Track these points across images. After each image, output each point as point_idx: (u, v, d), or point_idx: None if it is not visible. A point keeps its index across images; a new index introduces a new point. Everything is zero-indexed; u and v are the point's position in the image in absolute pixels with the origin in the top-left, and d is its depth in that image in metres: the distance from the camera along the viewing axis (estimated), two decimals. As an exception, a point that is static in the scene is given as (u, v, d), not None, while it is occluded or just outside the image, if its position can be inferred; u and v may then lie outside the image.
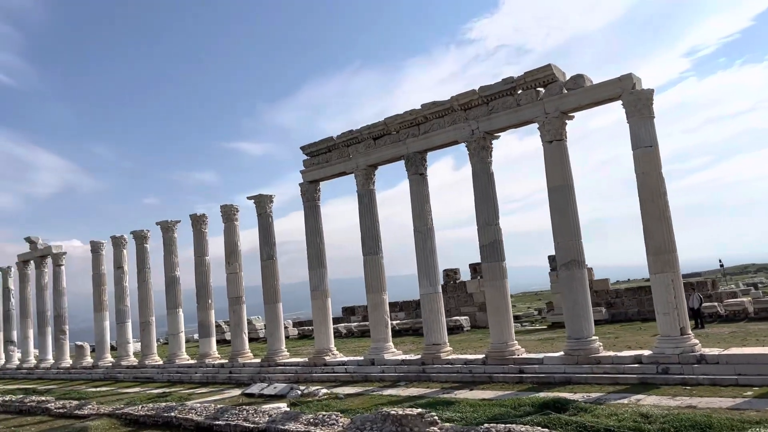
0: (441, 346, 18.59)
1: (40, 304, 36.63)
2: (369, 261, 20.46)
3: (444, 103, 18.20)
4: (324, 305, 21.98)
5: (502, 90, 17.07)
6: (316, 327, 22.13)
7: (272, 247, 23.96)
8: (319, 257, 22.12)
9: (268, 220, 24.07)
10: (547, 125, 16.26)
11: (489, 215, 17.47)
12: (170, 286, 28.09)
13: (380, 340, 20.12)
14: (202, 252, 26.75)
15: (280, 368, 22.49)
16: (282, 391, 18.50)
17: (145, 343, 29.35)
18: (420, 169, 19.25)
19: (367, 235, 20.52)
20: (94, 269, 32.63)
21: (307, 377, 20.91)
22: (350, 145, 20.92)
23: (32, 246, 37.07)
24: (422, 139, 19.01)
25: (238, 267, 25.31)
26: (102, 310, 32.37)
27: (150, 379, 27.19)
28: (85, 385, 28.03)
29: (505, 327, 17.15)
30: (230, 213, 25.46)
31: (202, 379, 24.61)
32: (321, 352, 21.62)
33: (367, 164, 20.53)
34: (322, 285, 22.03)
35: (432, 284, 18.80)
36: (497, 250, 17.36)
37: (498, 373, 16.51)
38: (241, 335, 25.07)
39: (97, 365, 31.49)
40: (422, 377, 17.97)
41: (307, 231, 22.34)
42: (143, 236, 29.79)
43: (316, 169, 22.03)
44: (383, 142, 20.03)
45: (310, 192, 22.31)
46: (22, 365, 37.36)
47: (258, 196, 24.01)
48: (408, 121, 19.19)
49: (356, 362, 20.47)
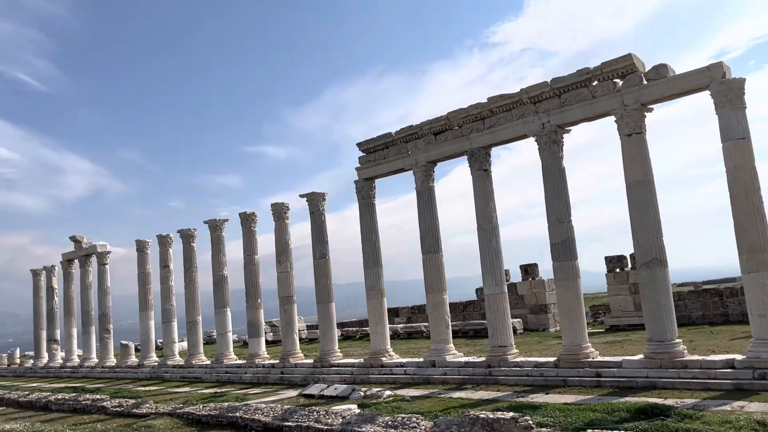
0: (507, 348, 17.93)
1: (85, 303, 36.75)
2: (429, 260, 19.88)
3: (512, 96, 17.57)
4: (380, 305, 21.46)
5: (577, 81, 16.38)
6: (372, 327, 21.62)
7: (325, 246, 23.52)
8: (374, 255, 21.61)
9: (321, 218, 23.64)
10: (626, 118, 15.52)
11: (561, 212, 16.78)
12: (218, 284, 27.85)
13: (441, 341, 19.53)
14: (252, 250, 26.44)
15: (335, 369, 22.03)
16: (343, 393, 18.01)
17: (192, 342, 29.15)
18: (484, 164, 18.63)
19: (426, 233, 19.95)
20: (140, 268, 32.59)
21: (364, 378, 20.39)
22: (409, 141, 20.39)
23: (77, 245, 37.24)
24: (487, 134, 18.40)
25: (289, 266, 24.94)
26: (147, 309, 32.33)
27: (198, 379, 26.95)
28: (132, 384, 27.92)
29: (578, 329, 16.43)
30: (281, 211, 25.11)
31: (253, 379, 24.26)
32: (377, 353, 21.09)
33: (427, 160, 19.97)
34: (378, 284, 21.52)
35: (498, 284, 18.15)
36: (570, 249, 16.66)
37: (573, 376, 15.79)
38: (292, 335, 24.66)
39: (142, 364, 31.41)
40: (489, 380, 17.32)
41: (363, 229, 21.85)
42: (190, 235, 29.65)
43: (373, 165, 21.54)
44: (444, 138, 19.46)
45: (366, 189, 21.83)
46: (65, 364, 37.56)
47: (311, 194, 23.61)
48: (472, 116, 18.59)
49: (415, 364, 19.91)
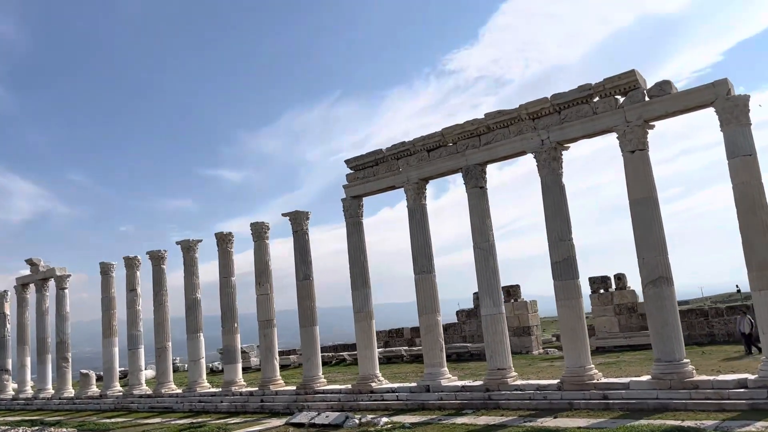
0: (506, 370, 17.36)
1: (41, 329, 34.53)
2: (422, 280, 19.26)
3: (510, 112, 17.29)
4: (369, 328, 20.64)
5: (577, 98, 16.21)
6: (360, 351, 20.75)
7: (309, 267, 22.64)
8: (363, 276, 20.85)
9: (305, 238, 22.78)
10: (629, 134, 15.38)
11: (562, 230, 16.46)
12: (191, 308, 26.52)
13: (435, 365, 18.83)
14: (228, 272, 25.31)
15: (320, 396, 21.01)
16: (336, 420, 17.06)
17: (161, 369, 27.58)
18: (480, 182, 18.23)
19: (419, 253, 19.36)
20: (104, 292, 30.88)
21: (353, 405, 19.46)
22: (400, 158, 19.87)
23: (33, 268, 35.15)
24: (484, 151, 18.04)
25: (270, 288, 23.90)
26: (111, 336, 30.55)
27: (169, 409, 25.41)
28: (96, 416, 26.14)
29: (581, 350, 16.01)
30: (261, 231, 24.14)
31: (230, 408, 22.96)
32: (366, 378, 20.22)
33: (419, 177, 19.47)
34: (366, 306, 20.72)
35: (496, 304, 17.65)
36: (571, 267, 16.31)
37: (578, 399, 15.31)
38: (272, 361, 23.53)
39: (105, 394, 29.54)
40: (489, 404, 16.68)
41: (350, 249, 21.11)
42: (160, 257, 28.26)
43: (361, 183, 20.91)
44: (438, 155, 19.02)
45: (354, 208, 21.15)
46: (18, 395, 35.07)
47: (294, 212, 22.77)
48: (468, 132, 18.23)
49: (408, 389, 19.12)
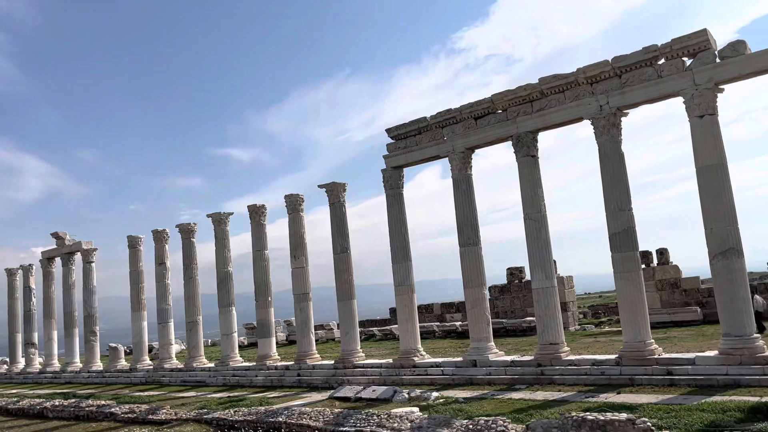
0: (559, 345, 16.80)
1: (67, 303, 34.40)
2: (467, 253, 18.66)
3: (567, 77, 16.49)
4: (411, 301, 20.13)
5: (641, 60, 15.36)
6: (401, 325, 20.27)
7: (346, 239, 22.09)
8: (404, 249, 20.29)
9: (342, 210, 22.20)
10: (697, 98, 14.57)
11: (621, 199, 15.74)
12: (222, 282, 26.13)
13: (482, 339, 18.30)
14: (262, 245, 24.83)
15: (359, 370, 20.60)
16: (384, 395, 16.61)
17: (193, 344, 27.34)
18: (531, 150, 17.50)
19: (465, 224, 18.73)
20: (132, 265, 30.58)
21: (395, 380, 19.02)
22: (445, 126, 19.15)
23: (59, 242, 34.92)
24: (536, 117, 17.28)
25: (305, 261, 23.41)
26: (140, 310, 30.33)
27: (201, 382, 25.16)
28: (128, 389, 25.95)
29: (641, 324, 15.38)
30: (295, 203, 23.59)
31: (265, 382, 22.64)
32: (408, 353, 19.76)
33: (465, 146, 18.76)
34: (408, 279, 20.19)
35: (548, 277, 17.03)
36: (631, 238, 15.62)
37: (639, 375, 14.72)
38: (309, 335, 23.12)
39: (135, 368, 29.39)
40: (542, 380, 16.15)
41: (390, 221, 20.52)
42: (190, 230, 27.87)
43: (403, 153, 20.23)
44: (486, 122, 18.28)
45: (394, 178, 20.51)
46: (45, 369, 35.11)
47: (331, 184, 22.17)
48: (520, 98, 17.45)
49: (453, 363, 18.64)
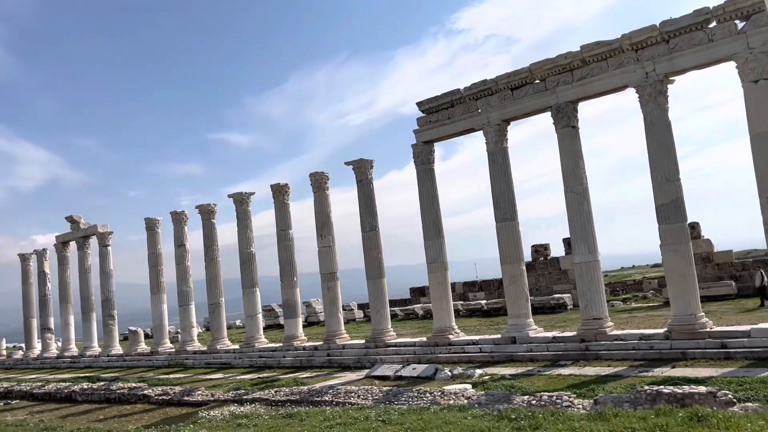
0: (603, 320, 16.42)
1: (84, 288, 34.07)
2: (504, 228, 18.22)
3: (610, 43, 15.93)
4: (444, 279, 19.74)
5: (691, 24, 14.80)
6: (435, 303, 19.89)
7: (374, 217, 21.66)
8: (436, 225, 19.85)
9: (369, 187, 21.75)
10: (751, 62, 14.03)
11: (669, 170, 15.26)
12: (246, 263, 25.74)
13: (521, 315, 17.92)
14: (286, 224, 24.41)
15: (392, 349, 20.28)
16: (425, 373, 16.30)
17: (216, 326, 27.02)
18: (572, 121, 16.99)
19: (501, 198, 18.28)
20: (150, 248, 30.22)
21: (431, 358, 18.69)
22: (480, 98, 18.62)
23: (74, 226, 34.51)
24: (577, 87, 16.74)
25: (332, 240, 23.00)
26: (159, 293, 30.00)
27: (227, 364, 24.86)
28: (152, 373, 25.68)
29: (691, 296, 14.98)
30: (321, 181, 23.11)
31: (294, 363, 22.34)
32: (443, 331, 19.40)
33: (501, 119, 18.24)
34: (440, 256, 19.77)
35: (591, 251, 16.59)
36: (679, 210, 15.16)
37: (692, 348, 14.35)
38: (337, 314, 22.79)
39: (157, 351, 29.12)
40: (588, 356, 15.80)
41: (422, 197, 20.06)
42: (210, 211, 27.43)
43: (434, 127, 19.72)
44: (524, 93, 17.75)
45: (425, 153, 20.02)
46: (63, 353, 34.83)
47: (359, 160, 21.69)
48: (560, 66, 16.90)
49: (491, 341, 18.29)
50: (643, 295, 29.22)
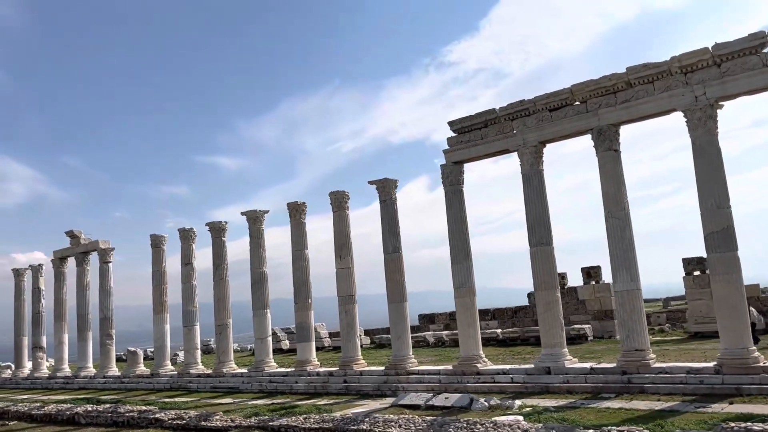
0: (646, 352, 15.70)
1: (81, 305, 32.82)
2: (539, 253, 17.57)
3: (659, 66, 15.53)
4: (472, 305, 18.99)
5: (744, 48, 14.44)
6: (461, 330, 19.09)
7: (397, 238, 20.95)
8: (464, 248, 19.17)
9: (393, 207, 21.08)
10: (809, 88, 13.66)
11: (719, 197, 14.74)
12: (257, 283, 24.84)
13: (555, 345, 17.16)
14: (302, 244, 23.61)
15: (415, 377, 19.38)
16: (459, 402, 15.43)
17: (222, 348, 25.95)
18: (614, 144, 16.51)
19: (536, 222, 17.67)
20: (154, 266, 29.25)
21: (458, 387, 17.84)
22: (515, 119, 18.13)
23: (73, 241, 33.44)
24: (621, 109, 16.29)
25: (351, 261, 22.21)
26: (162, 312, 28.90)
27: (234, 389, 23.79)
28: (154, 396, 24.53)
29: (743, 330, 14.33)
30: (341, 200, 22.41)
31: (308, 389, 21.35)
32: (470, 359, 18.57)
33: (538, 140, 17.73)
34: (469, 281, 19.04)
35: (633, 279, 15.94)
36: (730, 238, 14.59)
37: (747, 384, 13.64)
38: (354, 339, 21.87)
39: (158, 373, 27.92)
40: (632, 389, 15.03)
41: (450, 219, 19.41)
42: (221, 228, 26.58)
43: (466, 147, 19.17)
44: (563, 114, 17.28)
45: (455, 174, 19.43)
46: (55, 374, 33.41)
47: (383, 180, 21.06)
48: (603, 88, 16.47)
49: (523, 371, 17.48)
50: (660, 329, 28.56)
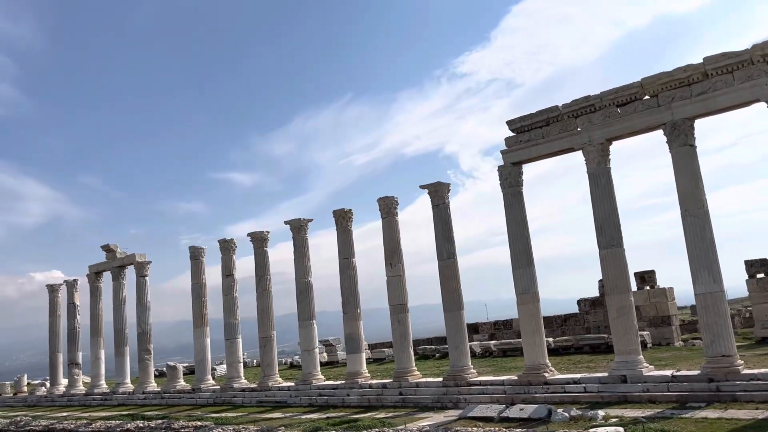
0: (733, 357, 14.77)
1: (118, 320, 32.41)
2: (610, 255, 16.74)
3: (739, 54, 14.75)
4: (536, 311, 18.16)
5: (835, 32, 13.64)
6: (526, 338, 18.25)
7: (452, 244, 20.23)
8: (527, 253, 18.38)
9: (447, 212, 20.39)
10: None
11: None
12: (303, 293, 24.20)
13: (630, 352, 16.26)
14: (349, 252, 22.97)
15: (477, 388, 18.55)
16: (536, 414, 14.58)
17: (267, 362, 25.30)
18: (689, 139, 15.69)
19: (605, 223, 16.85)
20: (194, 278, 28.78)
21: (526, 398, 16.98)
22: (580, 116, 17.39)
23: (109, 255, 33.11)
24: (697, 102, 15.49)
25: (401, 269, 21.50)
26: (202, 326, 28.40)
27: (282, 403, 23.07)
28: (200, 411, 23.89)
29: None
30: (390, 207, 21.77)
31: (361, 402, 20.58)
32: (536, 368, 17.71)
33: (605, 137, 16.96)
34: (532, 287, 18.23)
35: (716, 280, 15.05)
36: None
37: None
38: (408, 350, 21.11)
39: (199, 388, 27.31)
40: (722, 397, 14.10)
41: (509, 222, 18.65)
42: (263, 238, 26.04)
43: (525, 147, 18.44)
44: (632, 109, 16.51)
45: (514, 176, 18.70)
46: (92, 390, 32.92)
47: (436, 184, 20.39)
48: (677, 80, 15.70)
49: (596, 379, 16.59)
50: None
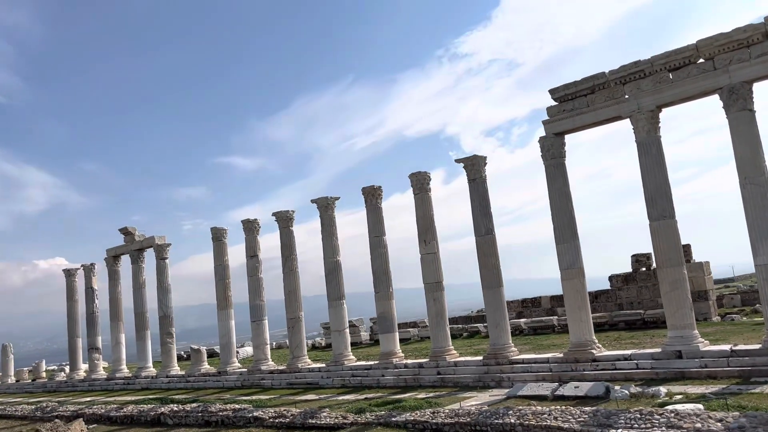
0: (798, 330, 14.21)
1: (138, 304, 32.00)
2: (662, 228, 16.10)
3: (805, 12, 13.97)
4: (582, 286, 17.57)
5: None
6: (571, 314, 17.69)
7: (490, 219, 19.61)
8: (571, 226, 17.76)
9: (484, 186, 19.74)
10: None
11: None
12: (332, 273, 23.64)
13: (685, 326, 15.69)
14: (380, 231, 22.37)
15: (520, 366, 18.04)
16: (593, 392, 14.05)
17: (295, 343, 24.85)
18: (748, 104, 14.96)
19: (657, 194, 16.19)
20: (217, 260, 28.26)
21: (574, 375, 16.46)
22: (628, 82, 16.65)
23: (128, 238, 32.60)
24: (757, 64, 14.74)
25: (436, 246, 20.91)
26: (227, 308, 27.94)
27: (314, 384, 22.64)
28: (228, 394, 23.49)
29: None
30: (423, 182, 21.14)
31: (397, 382, 20.12)
32: (583, 345, 17.17)
33: (655, 104, 16.25)
34: (577, 261, 17.63)
35: (778, 250, 14.44)
36: None
37: None
38: (444, 329, 20.59)
39: (225, 371, 26.93)
40: (789, 371, 13.57)
41: (552, 195, 18.00)
42: (288, 218, 25.46)
43: (569, 117, 17.74)
44: (685, 74, 15.77)
45: (556, 147, 18.01)
46: (114, 375, 32.61)
47: (472, 157, 19.72)
48: (735, 42, 14.94)
49: (648, 356, 16.05)
50: (753, 309, 26.88)
